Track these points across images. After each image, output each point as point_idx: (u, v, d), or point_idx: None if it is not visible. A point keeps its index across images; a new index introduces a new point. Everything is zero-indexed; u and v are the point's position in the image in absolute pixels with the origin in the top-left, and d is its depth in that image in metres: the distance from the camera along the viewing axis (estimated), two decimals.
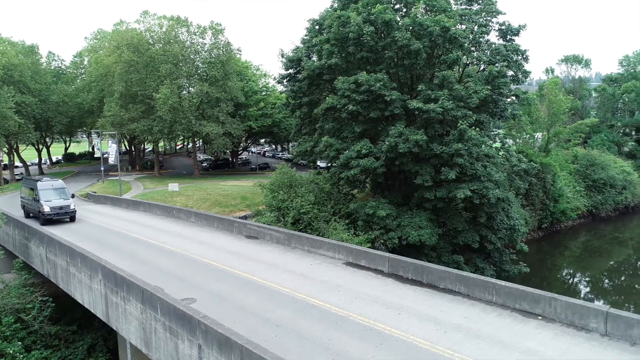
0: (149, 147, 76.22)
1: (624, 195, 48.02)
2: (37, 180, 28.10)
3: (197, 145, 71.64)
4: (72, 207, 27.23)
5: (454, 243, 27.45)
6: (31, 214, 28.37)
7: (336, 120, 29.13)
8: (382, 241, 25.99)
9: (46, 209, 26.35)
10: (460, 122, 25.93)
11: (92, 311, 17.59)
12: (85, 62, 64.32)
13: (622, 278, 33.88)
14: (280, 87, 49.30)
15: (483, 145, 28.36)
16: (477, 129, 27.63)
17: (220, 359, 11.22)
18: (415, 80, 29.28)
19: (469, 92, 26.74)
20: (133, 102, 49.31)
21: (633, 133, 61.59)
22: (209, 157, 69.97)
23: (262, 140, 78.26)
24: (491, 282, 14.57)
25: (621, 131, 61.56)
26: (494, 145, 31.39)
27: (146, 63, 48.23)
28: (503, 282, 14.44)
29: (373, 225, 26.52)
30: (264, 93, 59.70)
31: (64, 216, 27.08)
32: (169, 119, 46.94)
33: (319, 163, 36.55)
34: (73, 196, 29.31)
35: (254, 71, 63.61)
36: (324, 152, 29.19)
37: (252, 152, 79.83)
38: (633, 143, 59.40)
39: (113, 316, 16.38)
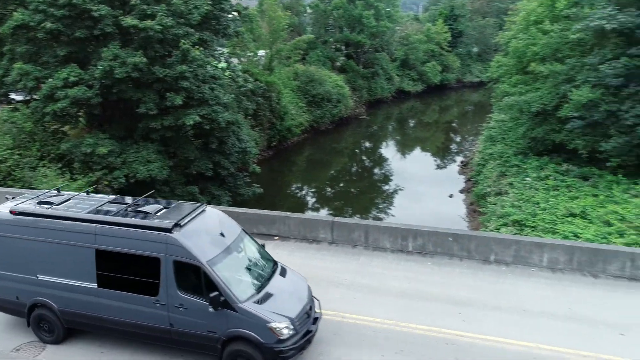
0: None
1: (338, 108, 55.62)
2: (176, 226, 10.24)
3: None
4: (316, 308, 11.15)
5: (187, 173, 28.08)
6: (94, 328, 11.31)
7: (31, 41, 25.37)
8: (107, 182, 24.84)
9: (285, 330, 9.78)
10: (182, 41, 25.69)
11: None
12: None
13: (341, 184, 40.23)
14: None
15: (209, 66, 28.85)
16: (202, 48, 27.82)
17: None
18: None
19: (189, 7, 26.42)
20: None
21: (344, 48, 70.50)
22: None
23: None
24: (229, 210, 15.73)
25: (333, 47, 69.75)
26: (219, 66, 32.16)
27: None
28: (241, 209, 15.80)
29: (93, 166, 25.00)
30: None
31: (308, 342, 10.45)
32: None
33: (13, 96, 31.62)
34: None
35: None
36: (19, 83, 25.35)
37: None
38: (344, 58, 68.21)
39: None
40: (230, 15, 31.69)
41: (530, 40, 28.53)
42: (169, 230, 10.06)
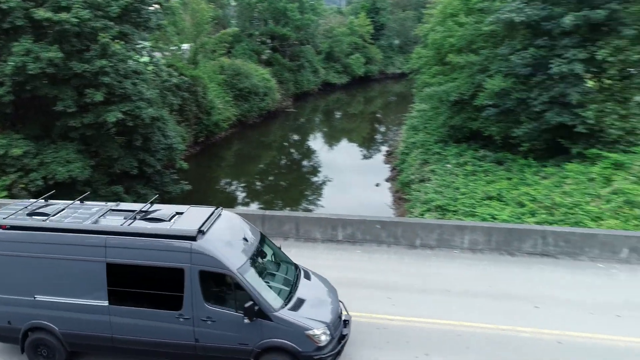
0: None
1: (266, 102, 55.26)
2: (199, 233, 9.38)
3: None
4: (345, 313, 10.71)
5: (111, 173, 27.01)
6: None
7: None
8: (23, 185, 23.43)
9: (323, 336, 9.26)
10: (101, 34, 24.69)
11: None
12: None
13: (271, 178, 40.11)
14: None
15: (130, 61, 27.89)
16: (122, 42, 26.86)
17: None
18: None
19: None
20: None
21: (269, 42, 70.01)
22: None
23: None
24: None
25: (259, 40, 69.11)
26: (141, 60, 31.15)
27: None
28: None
29: (7, 168, 23.51)
30: None
31: (342, 347, 9.96)
32: None
33: None
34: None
35: None
36: None
37: None
38: (270, 51, 67.74)
39: None
40: (151, 8, 30.68)
41: (447, 32, 29.59)
42: (193, 238, 9.22)
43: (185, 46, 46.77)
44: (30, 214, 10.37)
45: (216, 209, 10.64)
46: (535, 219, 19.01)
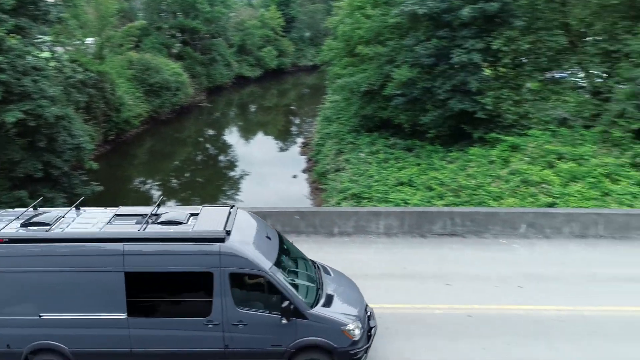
0: None
1: (178, 97, 53.56)
2: (227, 233, 8.67)
3: None
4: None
5: (13, 177, 25.04)
6: None
7: None
8: None
9: (356, 330, 8.94)
10: None
11: None
12: None
13: (187, 175, 39.12)
14: None
15: (29, 56, 26.00)
16: (19, 36, 25.05)
17: None
18: None
19: None
20: None
21: (179, 35, 67.80)
22: None
23: None
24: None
25: (168, 34, 66.75)
26: (42, 55, 29.15)
27: None
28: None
29: None
30: None
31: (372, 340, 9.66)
32: None
33: None
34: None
35: None
36: None
37: None
38: (180, 45, 65.65)
39: None
40: (51, 0, 28.78)
41: (356, 24, 30.09)
42: (221, 240, 8.64)
43: (89, 40, 44.23)
44: (25, 225, 9.25)
45: (232, 208, 10.11)
46: (443, 202, 19.92)
